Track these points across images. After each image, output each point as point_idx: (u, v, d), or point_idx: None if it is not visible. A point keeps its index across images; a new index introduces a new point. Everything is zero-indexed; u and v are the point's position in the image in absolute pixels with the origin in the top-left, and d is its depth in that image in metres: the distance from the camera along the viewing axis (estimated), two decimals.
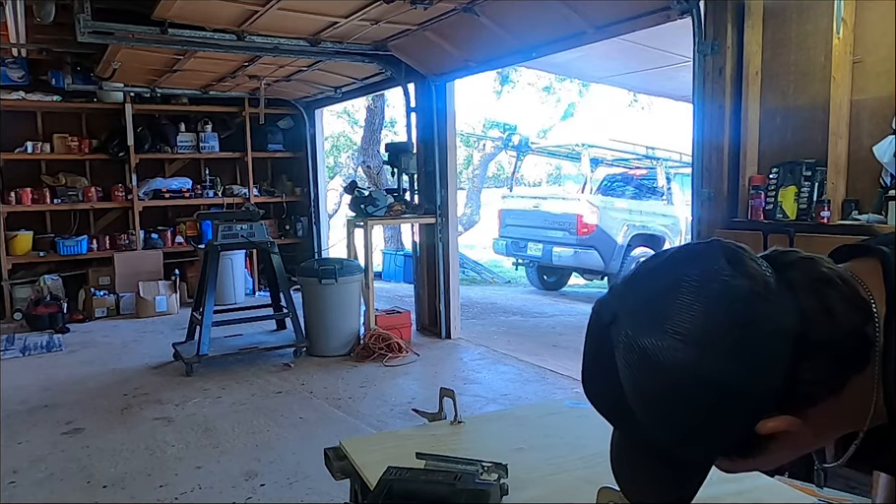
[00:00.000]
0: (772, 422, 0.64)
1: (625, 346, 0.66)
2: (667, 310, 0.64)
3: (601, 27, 4.01)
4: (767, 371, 0.63)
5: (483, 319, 7.14)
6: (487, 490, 1.13)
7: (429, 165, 5.92)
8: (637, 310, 0.67)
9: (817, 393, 0.65)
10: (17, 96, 7.01)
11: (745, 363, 0.62)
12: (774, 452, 0.69)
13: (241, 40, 4.91)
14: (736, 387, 0.63)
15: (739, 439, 0.66)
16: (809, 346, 0.63)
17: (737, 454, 0.70)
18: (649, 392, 0.65)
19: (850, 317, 0.65)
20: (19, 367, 5.25)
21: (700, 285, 0.64)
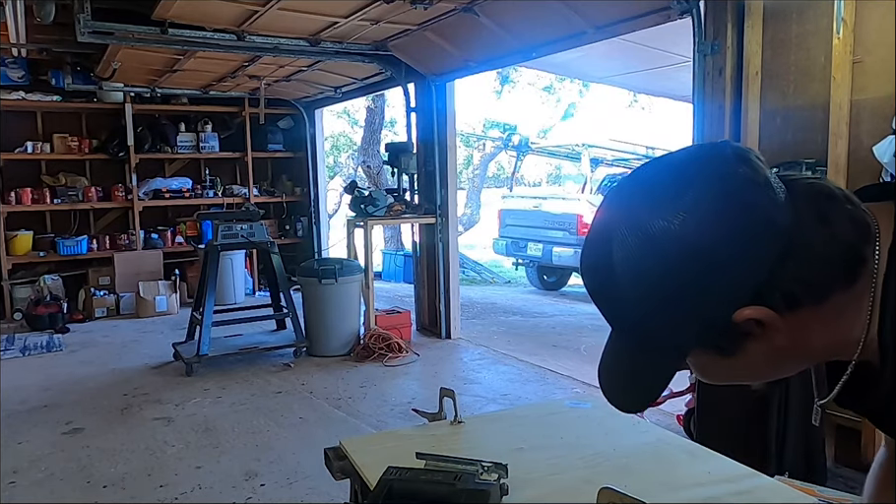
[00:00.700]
0: (749, 310, 0.65)
1: (626, 218, 0.68)
2: (668, 185, 0.67)
3: (601, 27, 4.01)
4: (752, 258, 0.64)
5: (483, 319, 7.14)
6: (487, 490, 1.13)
7: (429, 165, 5.92)
8: (642, 184, 0.70)
9: (798, 295, 0.66)
10: (17, 96, 7.01)
11: (734, 243, 0.64)
12: (750, 354, 0.69)
13: (241, 40, 4.91)
14: (721, 264, 0.64)
15: (717, 325, 0.66)
16: (797, 246, 0.64)
17: (713, 346, 0.69)
18: (639, 261, 0.66)
19: (845, 230, 0.66)
20: (19, 367, 5.25)
21: (702, 166, 0.67)
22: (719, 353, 0.70)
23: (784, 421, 2.77)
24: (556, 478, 1.27)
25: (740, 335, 0.67)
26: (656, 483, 1.23)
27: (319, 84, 7.16)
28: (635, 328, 0.71)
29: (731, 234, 0.64)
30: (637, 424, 1.60)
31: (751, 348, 0.69)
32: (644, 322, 0.69)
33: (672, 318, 0.67)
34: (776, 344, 0.68)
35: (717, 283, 0.65)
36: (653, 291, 0.66)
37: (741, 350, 0.69)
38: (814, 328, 0.68)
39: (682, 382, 3.49)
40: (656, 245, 0.65)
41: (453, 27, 4.69)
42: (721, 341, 0.69)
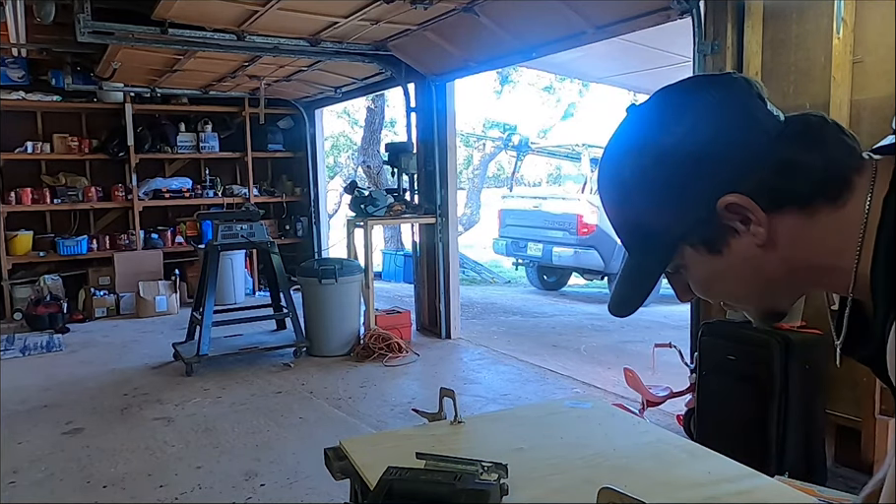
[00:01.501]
0: (732, 196, 0.69)
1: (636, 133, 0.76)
2: (675, 96, 0.75)
3: (601, 27, 4.01)
4: (740, 154, 0.70)
5: (483, 319, 7.14)
6: (487, 490, 1.13)
7: (429, 165, 5.92)
8: (654, 100, 0.76)
9: (781, 195, 0.69)
10: (17, 96, 7.01)
11: (724, 139, 0.70)
12: (735, 254, 0.73)
13: (241, 40, 4.91)
14: (711, 156, 0.70)
15: (704, 216, 0.71)
16: (785, 154, 0.69)
17: (701, 241, 0.73)
18: (644, 169, 0.73)
19: (833, 151, 0.70)
20: (19, 367, 5.25)
21: (712, 80, 0.75)
22: (707, 250, 0.74)
23: (784, 421, 2.77)
24: (556, 478, 1.27)
25: (725, 228, 0.71)
26: (656, 483, 1.24)
27: (319, 84, 7.16)
28: (637, 229, 0.77)
29: (722, 130, 0.70)
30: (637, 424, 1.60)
31: (736, 246, 0.72)
32: (645, 220, 0.75)
33: (668, 209, 0.73)
34: (759, 243, 0.71)
35: (707, 173, 0.70)
36: (653, 186, 0.72)
37: (727, 248, 0.73)
38: (797, 238, 0.71)
39: (683, 382, 3.49)
40: (658, 151, 0.72)
41: (453, 27, 4.69)
42: (708, 233, 0.73)
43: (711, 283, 0.78)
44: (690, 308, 3.69)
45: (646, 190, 0.73)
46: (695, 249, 0.74)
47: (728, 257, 0.73)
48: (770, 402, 2.77)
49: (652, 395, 3.62)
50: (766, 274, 0.74)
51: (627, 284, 0.80)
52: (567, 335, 6.43)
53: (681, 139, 0.70)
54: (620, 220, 0.78)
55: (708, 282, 0.78)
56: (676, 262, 0.77)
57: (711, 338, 3.07)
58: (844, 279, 0.71)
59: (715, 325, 3.11)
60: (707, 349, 3.08)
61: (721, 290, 0.79)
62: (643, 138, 0.74)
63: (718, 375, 3.03)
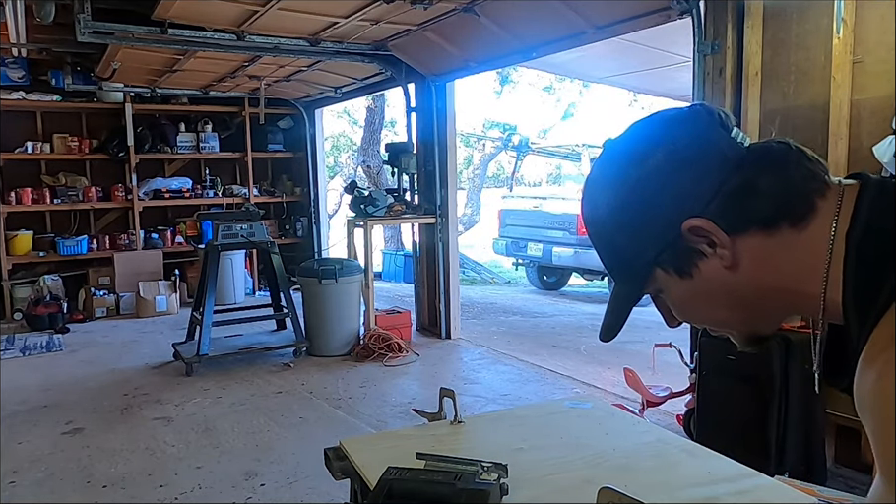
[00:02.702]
0: (695, 220, 0.73)
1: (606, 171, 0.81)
2: (644, 130, 0.80)
3: (601, 27, 4.01)
4: (701, 179, 0.73)
5: (483, 319, 7.14)
6: (487, 490, 1.13)
7: (429, 165, 5.92)
8: (625, 136, 0.80)
9: (744, 217, 0.72)
10: (17, 96, 7.01)
11: (686, 166, 0.74)
12: (705, 277, 0.75)
13: (241, 40, 4.91)
14: (674, 184, 0.74)
15: (670, 240, 0.75)
16: (747, 178, 0.72)
17: (672, 264, 0.77)
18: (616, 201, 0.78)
19: (797, 175, 0.72)
20: (19, 367, 5.25)
21: (674, 116, 0.79)
22: (678, 274, 0.77)
23: (784, 421, 2.77)
24: (556, 478, 1.27)
25: (693, 251, 0.75)
26: (656, 483, 1.24)
27: (319, 84, 7.16)
28: (616, 257, 0.81)
29: (686, 161, 0.74)
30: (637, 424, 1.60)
31: (705, 269, 0.75)
32: (620, 247, 0.80)
33: (638, 235, 0.77)
34: (726, 265, 0.74)
35: (671, 199, 0.74)
36: (623, 216, 0.77)
37: (696, 270, 0.76)
38: (762, 260, 0.73)
39: (683, 382, 3.49)
40: (627, 183, 0.76)
41: (453, 27, 4.69)
42: (677, 257, 0.76)
43: (687, 307, 0.81)
44: None
45: (618, 220, 0.78)
46: (667, 273, 0.78)
47: (698, 280, 0.76)
48: (770, 402, 2.77)
49: (652, 395, 3.62)
50: (737, 296, 0.76)
51: (610, 311, 0.84)
52: (567, 335, 6.43)
53: (649, 171, 0.75)
54: (602, 251, 0.83)
55: (684, 304, 0.81)
56: (655, 286, 0.80)
57: (711, 338, 3.06)
58: (814, 304, 0.72)
59: None
60: (707, 349, 3.08)
61: (698, 314, 0.81)
62: (614, 173, 0.79)
63: (718, 375, 3.03)
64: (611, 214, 0.79)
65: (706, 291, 0.77)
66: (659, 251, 0.77)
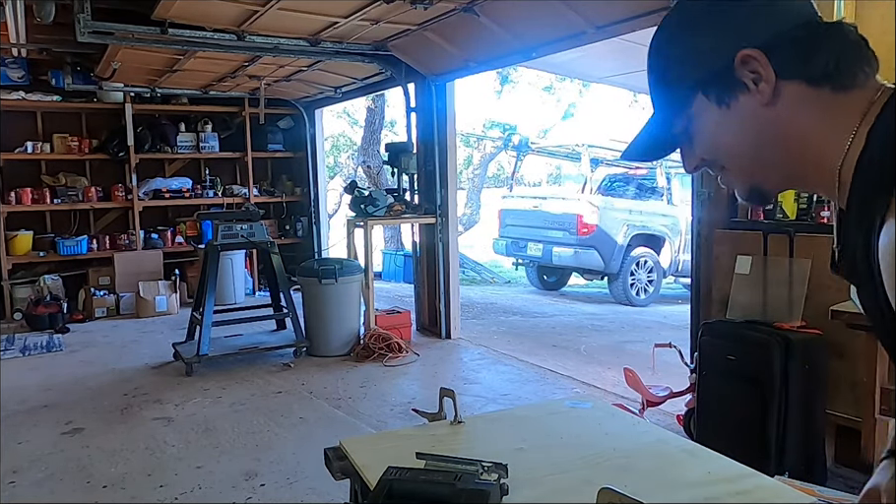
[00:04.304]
0: (751, 50, 0.77)
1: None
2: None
3: (601, 27, 4.01)
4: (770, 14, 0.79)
5: (483, 319, 7.14)
6: (487, 490, 1.13)
7: (429, 165, 5.92)
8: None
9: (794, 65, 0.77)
10: (17, 96, 7.01)
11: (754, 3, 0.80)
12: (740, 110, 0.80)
13: (241, 40, 4.91)
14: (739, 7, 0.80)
15: (720, 64, 0.79)
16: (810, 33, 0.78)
17: (713, 89, 0.81)
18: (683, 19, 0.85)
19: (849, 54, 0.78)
20: (19, 367, 5.25)
21: None
22: (716, 101, 0.82)
23: (784, 421, 2.77)
24: (556, 478, 1.27)
25: (737, 82, 0.79)
26: (656, 483, 1.24)
27: (319, 84, 7.16)
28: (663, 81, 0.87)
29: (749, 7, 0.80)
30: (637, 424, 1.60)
31: (743, 102, 0.80)
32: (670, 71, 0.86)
33: (691, 56, 0.83)
34: (764, 102, 0.79)
35: (733, 26, 0.79)
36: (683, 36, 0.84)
37: (735, 102, 0.80)
38: (798, 109, 0.78)
39: (683, 382, 3.50)
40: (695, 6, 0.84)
41: (453, 27, 4.69)
42: (720, 84, 0.81)
43: (714, 138, 0.85)
44: (690, 308, 3.69)
45: (677, 38, 0.84)
46: (707, 100, 0.82)
47: (733, 112, 0.81)
48: (770, 402, 2.77)
49: (652, 395, 3.62)
50: (762, 137, 0.81)
51: (644, 132, 0.91)
52: (567, 335, 6.43)
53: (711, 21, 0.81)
54: (651, 80, 0.89)
55: (712, 135, 0.84)
56: (688, 115, 0.85)
57: (711, 338, 3.07)
58: (821, 177, 0.77)
59: (715, 325, 3.11)
60: (707, 349, 3.08)
61: (721, 148, 0.85)
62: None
63: (718, 375, 3.03)
64: (671, 33, 0.85)
65: (737, 124, 0.81)
66: (706, 75, 0.81)
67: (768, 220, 3.18)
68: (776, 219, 3.15)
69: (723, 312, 3.26)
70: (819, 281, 2.90)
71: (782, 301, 3.03)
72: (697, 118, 0.85)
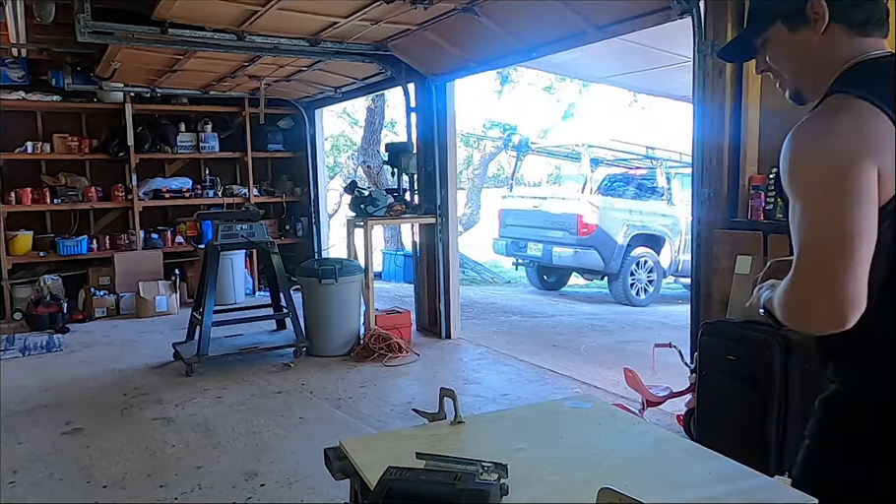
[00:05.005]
0: (819, 1, 1.18)
1: None
2: None
3: (601, 27, 4.01)
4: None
5: (483, 319, 7.14)
6: (487, 490, 1.13)
7: (429, 165, 5.92)
8: None
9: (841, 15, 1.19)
10: (17, 96, 7.00)
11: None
12: (801, 38, 1.23)
13: (241, 40, 4.91)
14: None
15: (796, 3, 1.21)
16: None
17: (788, 19, 1.24)
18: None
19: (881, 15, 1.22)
20: (19, 367, 5.25)
21: None
22: (788, 29, 1.24)
23: (784, 421, 2.77)
24: (556, 478, 1.27)
25: (806, 18, 1.21)
26: (656, 483, 1.23)
27: (319, 84, 7.16)
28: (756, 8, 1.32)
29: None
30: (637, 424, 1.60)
31: (805, 32, 1.22)
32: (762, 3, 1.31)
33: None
34: (816, 37, 1.21)
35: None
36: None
37: (801, 30, 1.22)
38: (835, 43, 1.20)
39: (683, 382, 3.50)
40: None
41: (453, 27, 4.69)
42: (794, 17, 1.23)
43: (781, 51, 1.27)
44: (690, 308, 3.69)
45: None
46: (783, 24, 1.25)
47: (798, 37, 1.23)
48: (770, 402, 2.77)
49: (652, 395, 3.62)
50: (810, 60, 1.23)
51: (736, 40, 1.37)
52: (567, 335, 6.43)
53: None
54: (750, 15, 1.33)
55: (781, 49, 1.27)
56: (766, 35, 1.28)
57: (711, 338, 3.07)
58: None
59: (715, 325, 3.11)
60: (707, 349, 3.08)
61: (784, 60, 1.28)
62: None
63: (718, 375, 3.03)
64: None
65: (798, 45, 1.24)
66: (788, 10, 1.24)
67: (768, 221, 3.17)
68: (776, 219, 3.14)
69: (723, 312, 3.26)
70: None
71: None
72: (773, 38, 1.27)
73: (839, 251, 1.05)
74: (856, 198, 1.04)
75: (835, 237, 1.05)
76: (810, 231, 1.10)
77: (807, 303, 1.10)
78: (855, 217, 1.04)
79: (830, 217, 1.06)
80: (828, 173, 1.07)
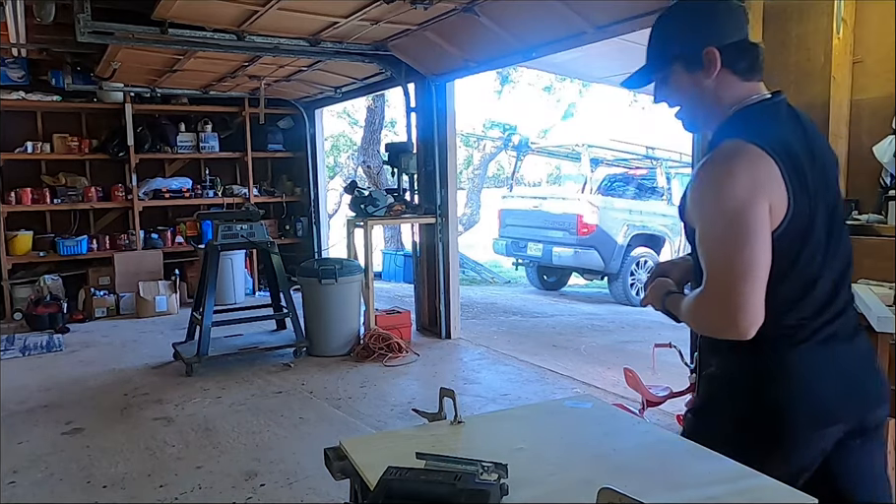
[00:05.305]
0: (713, 48, 1.38)
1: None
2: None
3: (601, 27, 4.00)
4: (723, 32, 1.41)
5: (483, 319, 7.14)
6: (487, 490, 1.13)
7: (429, 165, 5.92)
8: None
9: (732, 63, 1.40)
10: (17, 96, 7.00)
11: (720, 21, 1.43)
12: (697, 80, 1.42)
13: (241, 40, 4.91)
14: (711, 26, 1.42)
15: (694, 52, 1.41)
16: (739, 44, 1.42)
17: (685, 62, 1.43)
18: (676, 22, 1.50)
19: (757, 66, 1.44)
20: (19, 367, 5.25)
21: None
22: (685, 70, 1.43)
23: None
24: (556, 478, 1.27)
25: (700, 63, 1.40)
26: (656, 483, 1.23)
27: (319, 84, 7.16)
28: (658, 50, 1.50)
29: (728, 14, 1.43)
30: (637, 424, 1.60)
31: (700, 75, 1.42)
32: (667, 46, 1.48)
33: (680, 41, 1.45)
34: (709, 80, 1.41)
35: (708, 33, 1.41)
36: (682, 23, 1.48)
37: (695, 73, 1.42)
38: (724, 87, 1.41)
39: (683, 382, 3.49)
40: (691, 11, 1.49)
41: (453, 27, 4.69)
42: (690, 61, 1.42)
43: (676, 87, 1.47)
44: None
45: (674, 26, 1.49)
46: (680, 65, 1.44)
47: (693, 78, 1.43)
48: None
49: (652, 395, 3.62)
50: (702, 97, 1.44)
51: (640, 71, 1.52)
52: (567, 335, 6.43)
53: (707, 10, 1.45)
54: (652, 43, 1.51)
55: (676, 86, 1.47)
56: (666, 72, 1.47)
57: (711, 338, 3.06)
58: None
59: None
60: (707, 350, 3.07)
61: (679, 95, 1.48)
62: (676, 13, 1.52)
63: None
64: (673, 21, 1.50)
65: (692, 85, 1.44)
66: (686, 53, 1.42)
67: None
68: None
69: None
70: None
71: None
72: (672, 74, 1.46)
73: (740, 278, 1.26)
74: (752, 231, 1.26)
75: (737, 265, 1.27)
76: (715, 259, 1.30)
77: (715, 320, 1.34)
78: (751, 247, 1.26)
79: (731, 248, 1.27)
80: (729, 210, 1.27)
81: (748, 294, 1.26)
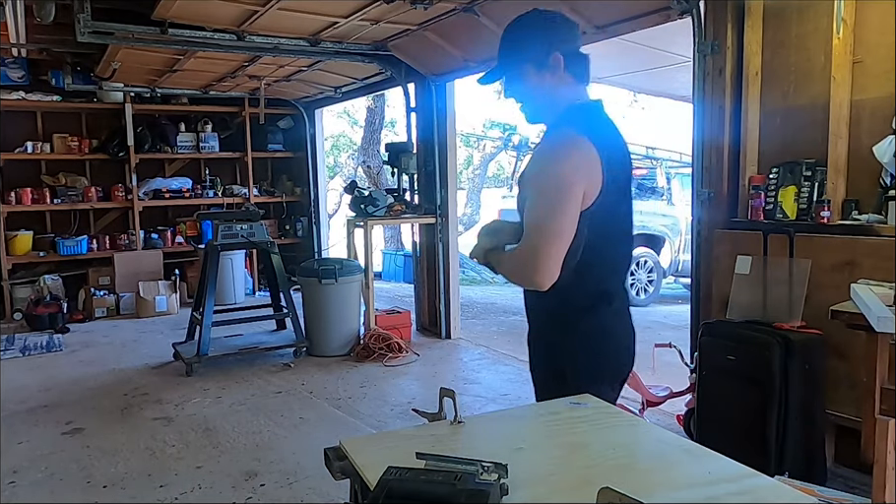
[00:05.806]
0: (559, 54, 1.67)
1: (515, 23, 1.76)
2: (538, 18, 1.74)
3: (601, 27, 4.00)
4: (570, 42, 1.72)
5: (483, 319, 7.14)
6: (487, 490, 1.13)
7: (429, 165, 5.92)
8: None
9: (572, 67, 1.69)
10: (17, 96, 7.00)
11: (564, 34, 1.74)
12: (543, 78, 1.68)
13: (241, 40, 4.91)
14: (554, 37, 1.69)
15: (543, 55, 1.67)
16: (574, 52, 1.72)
17: (535, 64, 1.68)
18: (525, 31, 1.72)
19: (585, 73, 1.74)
20: (19, 367, 5.25)
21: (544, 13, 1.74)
22: (535, 70, 1.68)
23: (784, 421, 2.77)
24: (556, 478, 1.27)
25: (548, 64, 1.67)
26: (656, 483, 1.23)
27: (319, 84, 7.16)
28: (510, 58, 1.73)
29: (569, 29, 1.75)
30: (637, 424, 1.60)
31: (546, 74, 1.68)
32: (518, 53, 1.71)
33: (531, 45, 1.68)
34: (552, 80, 1.68)
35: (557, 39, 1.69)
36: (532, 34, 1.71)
37: (542, 73, 1.68)
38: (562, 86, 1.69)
39: (683, 382, 3.50)
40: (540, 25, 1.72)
41: (453, 27, 4.69)
42: (541, 63, 1.68)
43: (525, 82, 1.71)
44: (690, 308, 3.69)
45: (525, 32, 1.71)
46: (531, 66, 1.68)
47: (540, 76, 1.68)
48: (770, 402, 2.77)
49: (652, 395, 3.62)
50: (545, 94, 1.70)
51: (493, 71, 1.77)
52: None
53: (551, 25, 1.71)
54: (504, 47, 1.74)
55: (524, 81, 1.71)
56: (518, 71, 1.70)
57: (711, 338, 3.07)
58: None
59: (715, 325, 3.11)
60: (707, 349, 3.08)
61: (525, 89, 1.72)
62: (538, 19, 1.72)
63: (718, 375, 3.03)
64: (523, 28, 1.71)
65: (537, 83, 1.69)
66: (535, 57, 1.68)
67: (768, 221, 3.17)
68: (776, 219, 3.15)
69: (723, 312, 3.26)
70: (819, 281, 2.89)
71: (782, 301, 3.03)
72: (521, 74, 1.70)
73: (547, 241, 1.56)
74: (567, 205, 1.56)
75: (549, 229, 1.56)
76: (535, 221, 1.59)
77: (521, 272, 1.63)
78: (561, 219, 1.56)
79: (549, 214, 1.57)
80: (553, 187, 1.58)
81: (551, 255, 1.55)
